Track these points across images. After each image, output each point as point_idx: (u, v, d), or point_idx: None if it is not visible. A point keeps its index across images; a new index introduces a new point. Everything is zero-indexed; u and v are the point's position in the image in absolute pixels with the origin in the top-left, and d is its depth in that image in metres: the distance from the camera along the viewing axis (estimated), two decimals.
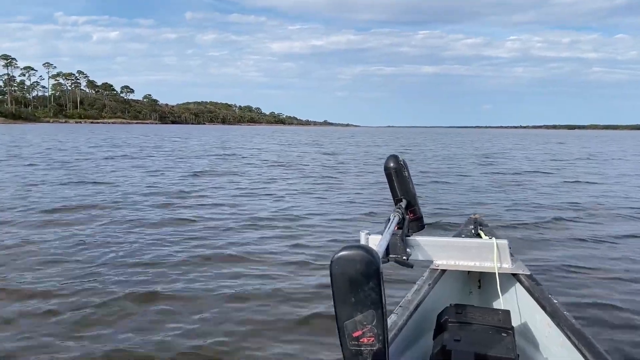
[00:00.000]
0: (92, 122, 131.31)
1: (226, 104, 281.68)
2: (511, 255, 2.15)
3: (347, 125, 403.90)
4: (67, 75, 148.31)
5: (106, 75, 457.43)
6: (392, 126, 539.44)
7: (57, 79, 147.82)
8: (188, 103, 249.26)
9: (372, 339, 1.04)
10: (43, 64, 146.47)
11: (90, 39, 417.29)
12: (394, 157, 2.07)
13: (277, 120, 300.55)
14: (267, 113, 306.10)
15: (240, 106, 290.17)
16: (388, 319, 1.53)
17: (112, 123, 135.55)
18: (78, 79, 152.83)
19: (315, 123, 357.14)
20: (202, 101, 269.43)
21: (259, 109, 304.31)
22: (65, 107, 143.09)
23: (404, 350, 1.92)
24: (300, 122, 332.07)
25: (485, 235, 2.44)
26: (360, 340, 1.04)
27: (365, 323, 1.03)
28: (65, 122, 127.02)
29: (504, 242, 2.13)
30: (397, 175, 2.06)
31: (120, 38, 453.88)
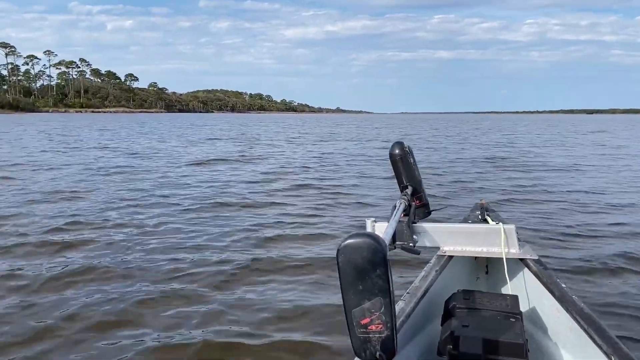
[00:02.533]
0: (92, 112, 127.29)
1: (237, 91, 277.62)
2: (518, 240, 2.13)
3: (360, 112, 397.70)
4: (69, 64, 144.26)
5: (120, 65, 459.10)
6: (406, 112, 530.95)
7: (59, 67, 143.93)
8: (198, 91, 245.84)
9: (380, 326, 1.04)
10: (44, 52, 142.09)
11: (105, 29, 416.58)
12: (399, 144, 2.05)
13: (288, 107, 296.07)
14: (279, 100, 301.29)
15: (251, 94, 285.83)
16: (396, 306, 1.57)
17: (114, 112, 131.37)
18: (80, 67, 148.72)
19: (327, 110, 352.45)
20: (212, 89, 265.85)
21: (269, 96, 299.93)
22: (68, 96, 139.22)
23: (412, 336, 1.92)
24: (313, 110, 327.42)
25: (492, 220, 2.38)
26: (369, 327, 1.04)
27: (373, 310, 1.03)
28: (65, 111, 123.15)
29: (511, 227, 2.11)
30: (402, 162, 2.04)
31: (134, 27, 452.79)
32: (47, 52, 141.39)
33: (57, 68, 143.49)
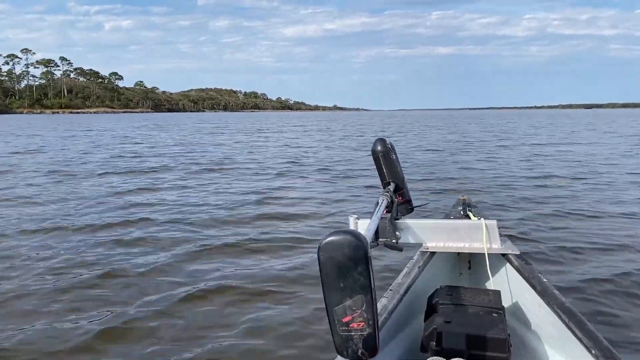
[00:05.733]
0: (71, 112, 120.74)
1: (230, 90, 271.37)
2: (500, 235, 2.13)
3: (357, 109, 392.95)
4: (47, 62, 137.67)
5: (119, 65, 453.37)
6: (404, 109, 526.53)
7: (38, 66, 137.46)
8: (190, 90, 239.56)
9: (362, 323, 1.03)
10: (21, 50, 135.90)
11: (103, 29, 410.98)
12: (381, 141, 2.04)
13: (283, 105, 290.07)
14: (274, 99, 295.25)
15: (245, 92, 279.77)
16: (378, 303, 1.57)
17: (95, 112, 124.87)
18: (59, 66, 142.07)
19: (324, 108, 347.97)
20: (206, 88, 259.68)
21: (264, 94, 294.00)
22: (47, 96, 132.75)
23: (395, 333, 1.92)
24: (309, 107, 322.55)
25: (474, 216, 2.36)
26: (350, 325, 1.03)
27: (354, 308, 1.02)
28: (41, 112, 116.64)
29: (493, 222, 2.11)
30: (384, 159, 2.03)
31: (133, 26, 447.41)
32: (24, 51, 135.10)
33: (35, 67, 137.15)
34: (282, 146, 18.94)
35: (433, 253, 2.14)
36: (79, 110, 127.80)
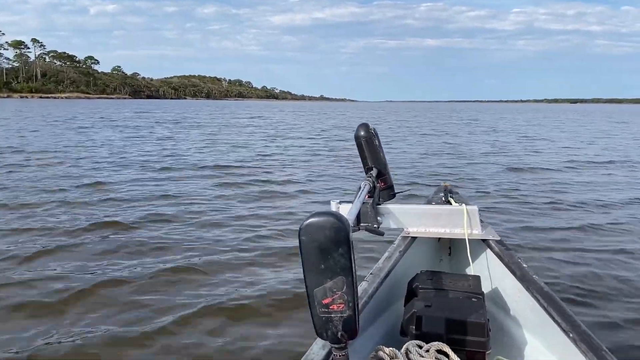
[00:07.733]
0: (40, 97, 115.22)
1: (214, 77, 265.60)
2: (481, 221, 2.13)
3: (344, 100, 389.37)
4: (17, 44, 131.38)
5: (103, 50, 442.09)
6: (391, 101, 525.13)
7: (7, 47, 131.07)
8: (173, 77, 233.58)
9: (342, 305, 1.02)
10: None
11: (88, 13, 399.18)
12: (365, 126, 2.02)
13: (269, 95, 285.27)
14: (259, 87, 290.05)
15: (230, 80, 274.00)
16: (359, 287, 1.57)
17: (66, 98, 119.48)
18: (29, 48, 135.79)
19: (310, 98, 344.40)
20: (189, 75, 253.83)
21: (249, 82, 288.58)
22: (17, 79, 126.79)
23: (375, 317, 1.94)
24: (295, 97, 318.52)
25: (456, 202, 2.38)
26: (330, 307, 1.02)
27: (335, 290, 1.01)
28: (8, 96, 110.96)
29: (474, 208, 2.12)
30: (367, 144, 2.02)
31: (118, 11, 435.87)
32: None
33: (4, 49, 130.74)
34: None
35: (414, 238, 2.16)
36: (49, 95, 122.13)
